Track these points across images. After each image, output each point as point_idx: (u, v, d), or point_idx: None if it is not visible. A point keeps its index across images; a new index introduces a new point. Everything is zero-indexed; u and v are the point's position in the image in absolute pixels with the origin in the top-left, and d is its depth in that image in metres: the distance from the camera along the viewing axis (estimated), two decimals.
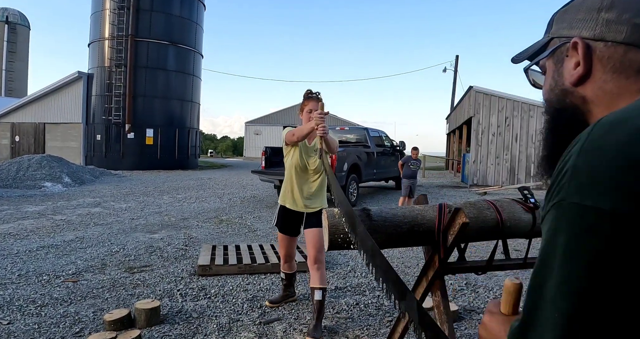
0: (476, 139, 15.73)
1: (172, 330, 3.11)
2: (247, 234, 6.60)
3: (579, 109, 0.72)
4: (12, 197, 10.08)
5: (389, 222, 1.89)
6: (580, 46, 0.69)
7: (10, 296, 3.71)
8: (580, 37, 0.69)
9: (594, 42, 0.68)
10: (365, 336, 3.08)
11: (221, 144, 65.55)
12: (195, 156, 24.92)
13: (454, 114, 24.42)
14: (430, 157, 31.37)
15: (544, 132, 0.79)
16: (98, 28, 22.01)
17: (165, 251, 5.38)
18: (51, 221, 7.24)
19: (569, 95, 0.73)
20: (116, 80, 21.16)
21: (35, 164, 13.44)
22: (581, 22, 0.70)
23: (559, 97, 0.75)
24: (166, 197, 10.78)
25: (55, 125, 23.80)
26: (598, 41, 0.68)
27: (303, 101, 3.31)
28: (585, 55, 0.69)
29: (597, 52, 0.68)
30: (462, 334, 3.15)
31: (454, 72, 29.09)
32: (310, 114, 3.20)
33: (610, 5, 0.67)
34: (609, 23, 0.67)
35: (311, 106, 3.23)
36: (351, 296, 3.89)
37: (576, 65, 0.70)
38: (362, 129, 12.36)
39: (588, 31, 0.69)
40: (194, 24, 23.73)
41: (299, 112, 3.36)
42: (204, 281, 4.20)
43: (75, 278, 4.27)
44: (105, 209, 8.66)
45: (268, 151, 10.12)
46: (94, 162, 20.62)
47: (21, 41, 44.29)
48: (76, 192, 11.52)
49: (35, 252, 5.23)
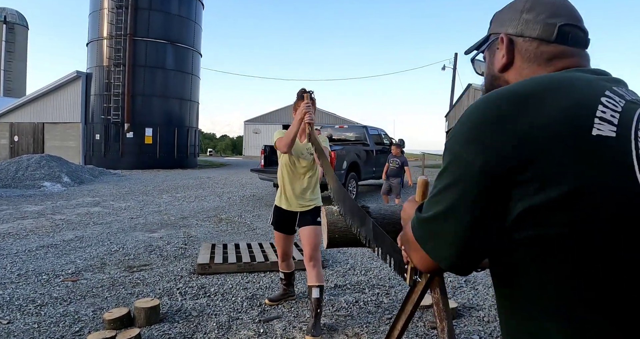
0: None
1: (171, 329, 3.11)
2: (246, 233, 6.60)
3: None
4: (11, 197, 10.08)
5: (388, 220, 1.88)
6: (505, 40, 0.87)
7: (9, 296, 3.71)
8: (506, 33, 0.88)
9: (516, 37, 0.87)
10: (364, 334, 3.09)
11: (220, 143, 65.56)
12: (195, 155, 24.91)
13: (453, 112, 24.43)
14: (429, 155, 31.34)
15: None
16: (96, 27, 21.96)
17: (164, 250, 5.38)
18: (50, 221, 7.24)
19: (497, 79, 0.91)
20: (115, 79, 21.13)
21: (35, 164, 13.43)
22: (508, 21, 0.89)
23: (491, 81, 0.94)
24: (165, 197, 10.78)
25: (54, 125, 23.78)
26: (519, 37, 0.86)
27: (296, 100, 3.24)
28: (508, 48, 0.87)
29: (518, 45, 0.86)
30: (462, 331, 3.16)
31: (453, 70, 29.05)
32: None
33: (530, 8, 0.85)
34: (528, 22, 0.85)
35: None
36: (350, 294, 3.89)
37: (502, 56, 0.88)
38: (361, 127, 12.35)
39: (512, 28, 0.87)
40: (193, 23, 23.70)
41: (293, 112, 3.30)
42: (203, 280, 4.20)
43: (75, 277, 4.27)
44: (105, 209, 8.66)
45: (267, 149, 10.11)
46: (93, 162, 20.60)
47: (19, 41, 44.22)
48: (75, 191, 11.52)
49: (34, 251, 5.23)
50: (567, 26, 0.82)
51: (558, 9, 0.83)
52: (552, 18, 0.82)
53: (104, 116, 21.40)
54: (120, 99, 21.09)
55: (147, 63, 21.64)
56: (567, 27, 0.82)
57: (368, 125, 12.42)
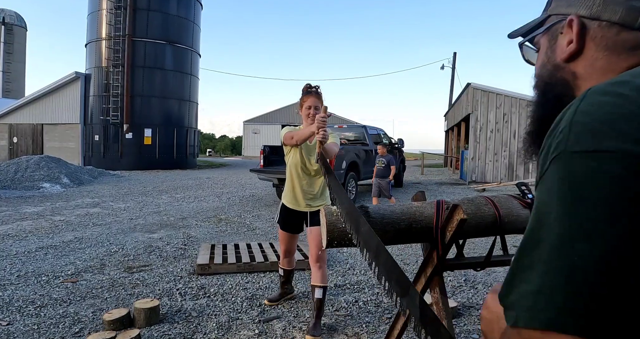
0: (474, 135, 15.73)
1: (171, 329, 3.11)
2: (246, 233, 6.60)
3: (569, 84, 0.74)
4: (10, 198, 10.07)
5: (387, 219, 1.89)
6: (575, 24, 0.71)
7: (9, 297, 3.70)
8: (577, 15, 0.71)
9: (590, 20, 0.70)
10: (364, 334, 3.09)
11: (220, 143, 65.51)
12: (194, 155, 24.90)
13: (452, 111, 24.43)
14: (428, 154, 31.40)
15: (532, 107, 0.81)
16: (95, 28, 21.94)
17: (164, 251, 5.38)
18: (50, 222, 7.24)
19: (560, 70, 0.75)
20: (114, 80, 21.11)
21: (34, 165, 13.42)
22: (579, 1, 0.72)
23: (551, 72, 0.77)
24: (165, 197, 10.77)
25: (53, 126, 23.76)
26: (594, 20, 0.69)
27: (302, 96, 3.22)
28: (579, 33, 0.71)
29: (591, 31, 0.70)
30: (461, 331, 3.16)
31: (451, 69, 29.09)
32: (309, 110, 3.14)
33: None
34: (606, 3, 0.68)
35: (310, 102, 3.15)
36: (350, 294, 3.89)
37: (569, 42, 0.72)
38: (360, 127, 12.36)
39: (585, 10, 0.71)
40: (191, 23, 23.69)
41: (299, 108, 3.28)
42: (203, 280, 4.20)
43: (75, 278, 4.27)
44: (104, 210, 8.65)
45: (266, 149, 10.11)
46: (92, 163, 20.59)
47: (18, 42, 44.17)
48: (75, 192, 11.51)
49: (34, 253, 5.23)
50: None
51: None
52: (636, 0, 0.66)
53: (103, 117, 21.38)
54: (119, 100, 21.08)
55: (146, 64, 21.63)
56: None
57: (367, 125, 12.43)
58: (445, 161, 28.53)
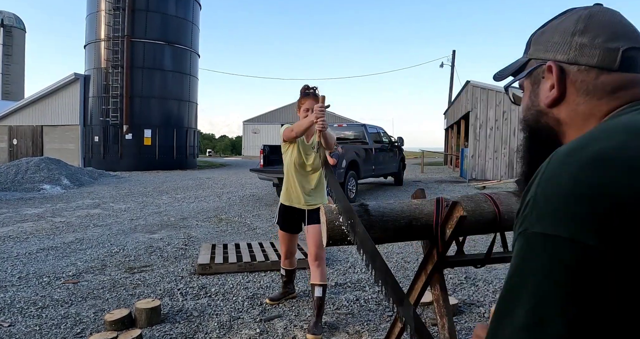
0: (474, 133, 15.73)
1: (173, 329, 3.11)
2: (246, 233, 6.60)
3: (553, 129, 0.74)
4: (11, 200, 10.07)
5: (387, 217, 1.89)
6: (554, 70, 0.71)
7: (11, 299, 3.71)
8: (555, 61, 0.71)
9: (568, 65, 0.70)
10: (365, 332, 3.09)
11: (219, 143, 65.56)
12: (194, 155, 24.90)
13: (451, 109, 24.42)
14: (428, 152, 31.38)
15: (522, 149, 0.82)
16: (94, 29, 21.93)
17: (165, 251, 5.38)
18: (50, 223, 7.24)
19: (544, 116, 0.75)
20: (113, 81, 21.11)
21: (34, 167, 13.42)
22: (556, 46, 0.72)
23: (535, 117, 0.77)
24: (165, 198, 10.78)
25: (53, 127, 23.77)
26: (572, 65, 0.70)
27: (300, 97, 3.24)
28: (559, 79, 0.71)
29: (571, 75, 0.70)
30: (462, 328, 3.16)
31: (451, 67, 29.07)
32: (307, 113, 3.14)
33: (584, 30, 0.69)
34: (583, 47, 0.69)
35: (308, 104, 3.16)
36: (351, 292, 3.90)
37: (551, 87, 0.72)
38: (360, 126, 12.35)
39: (562, 55, 0.71)
40: (190, 24, 23.68)
41: (297, 110, 3.30)
42: (204, 280, 4.21)
43: (76, 279, 4.28)
44: (105, 210, 8.66)
45: (266, 149, 10.12)
46: (92, 164, 20.59)
47: (17, 44, 44.17)
48: (75, 194, 11.51)
49: (35, 254, 5.23)
50: (632, 50, 0.67)
51: (618, 29, 0.69)
52: (612, 41, 0.67)
53: (103, 118, 21.37)
54: (119, 101, 21.08)
55: (145, 64, 21.62)
56: (633, 52, 0.67)
57: (367, 123, 12.42)
58: (445, 159, 28.52)
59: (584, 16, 0.71)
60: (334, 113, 40.71)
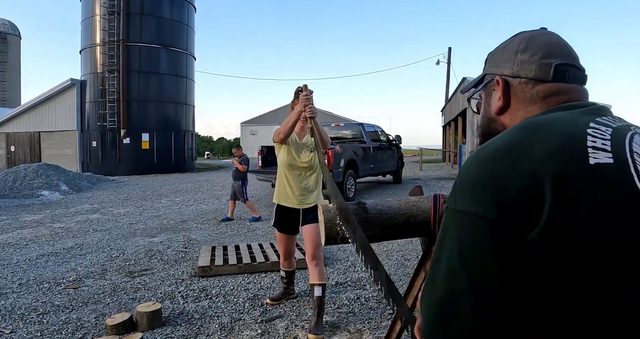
0: (472, 130, 15.74)
1: (174, 332, 3.11)
2: (246, 234, 6.60)
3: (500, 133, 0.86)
4: (9, 207, 10.06)
5: (385, 215, 1.89)
6: (500, 82, 0.85)
7: (11, 305, 3.71)
8: (501, 75, 0.86)
9: (512, 78, 0.84)
10: (366, 330, 3.09)
11: (217, 145, 65.56)
12: (192, 158, 24.88)
13: (448, 106, 24.45)
14: (426, 150, 31.38)
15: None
16: (89, 34, 21.92)
17: (165, 254, 5.38)
18: (50, 229, 7.23)
19: (493, 122, 0.89)
20: (109, 86, 21.09)
21: (32, 173, 13.40)
22: (503, 62, 0.86)
23: (487, 123, 0.92)
24: (164, 201, 10.77)
25: (51, 133, 23.74)
26: (515, 78, 0.84)
27: (294, 98, 3.25)
28: (504, 90, 0.85)
29: (514, 87, 0.84)
30: None
31: (447, 64, 29.10)
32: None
33: (525, 48, 0.83)
34: (523, 63, 0.83)
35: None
36: (352, 291, 3.90)
37: (499, 98, 0.86)
38: (358, 125, 12.35)
39: (507, 70, 0.85)
40: (185, 26, 23.66)
41: (290, 110, 3.30)
42: (204, 282, 4.20)
43: (76, 285, 4.27)
44: (104, 215, 8.65)
45: (264, 150, 10.11)
46: (90, 169, 20.57)
47: (12, 51, 44.14)
48: (74, 199, 11.50)
49: (35, 260, 5.23)
50: (564, 66, 0.81)
51: (553, 48, 0.82)
52: (547, 58, 0.81)
53: (100, 123, 21.34)
54: (116, 105, 21.05)
55: (141, 68, 21.59)
56: (564, 67, 0.81)
57: (364, 122, 12.43)
58: (443, 156, 28.53)
59: (526, 37, 0.85)
60: (331, 113, 40.73)
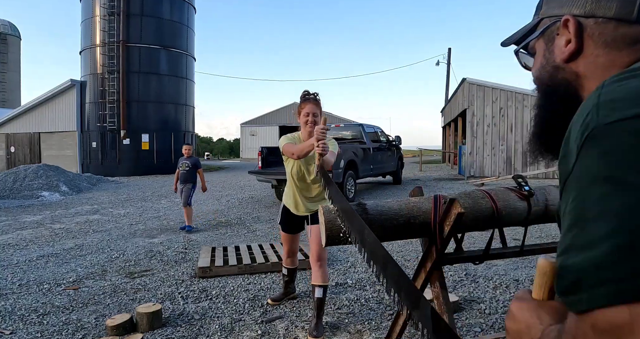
0: (471, 130, 15.74)
1: (174, 333, 3.11)
2: (246, 235, 6.60)
3: (571, 84, 0.74)
4: (9, 208, 10.06)
5: (385, 216, 1.89)
6: (571, 23, 0.71)
7: (11, 306, 3.70)
8: (571, 15, 0.71)
9: (585, 19, 0.70)
10: (366, 330, 3.09)
11: (217, 146, 65.51)
12: None
13: (448, 107, 24.45)
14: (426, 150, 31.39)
15: (536, 110, 0.81)
16: (89, 35, 21.92)
17: (165, 255, 5.38)
18: (50, 230, 7.23)
19: (560, 71, 0.74)
20: (109, 86, 21.09)
21: (32, 174, 13.40)
22: (570, 1, 0.72)
23: (551, 73, 0.76)
24: (164, 202, 10.77)
25: (50, 134, 23.73)
26: (589, 18, 0.69)
27: (300, 102, 3.21)
28: (577, 32, 0.70)
29: (588, 28, 0.70)
30: (463, 324, 3.16)
31: (447, 65, 29.11)
32: (307, 117, 3.13)
33: None
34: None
35: (308, 108, 3.14)
36: (352, 292, 3.90)
37: (567, 42, 0.72)
38: (357, 126, 12.36)
39: (578, 9, 0.71)
40: (185, 27, 23.67)
41: (296, 115, 3.26)
42: (204, 283, 4.20)
43: (76, 285, 4.27)
44: (104, 216, 8.65)
45: (264, 151, 10.11)
46: (90, 170, 20.56)
47: (12, 52, 44.13)
48: (74, 200, 11.50)
49: (35, 261, 5.23)
50: None
51: None
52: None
53: (100, 124, 21.35)
54: (116, 106, 21.05)
55: (141, 69, 21.60)
56: None
57: (364, 123, 12.43)
58: (443, 156, 28.52)
59: None
60: (331, 113, 40.71)
